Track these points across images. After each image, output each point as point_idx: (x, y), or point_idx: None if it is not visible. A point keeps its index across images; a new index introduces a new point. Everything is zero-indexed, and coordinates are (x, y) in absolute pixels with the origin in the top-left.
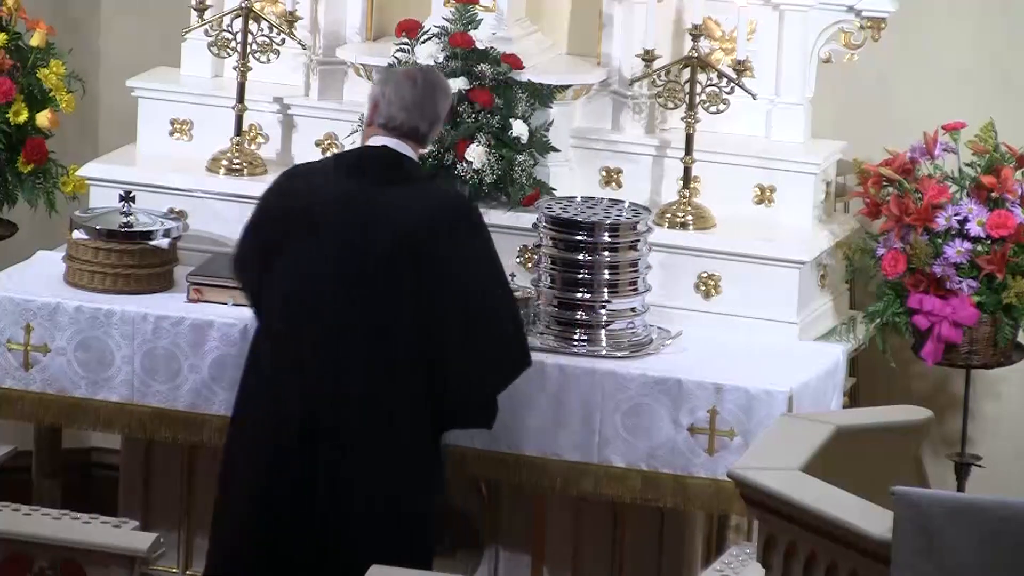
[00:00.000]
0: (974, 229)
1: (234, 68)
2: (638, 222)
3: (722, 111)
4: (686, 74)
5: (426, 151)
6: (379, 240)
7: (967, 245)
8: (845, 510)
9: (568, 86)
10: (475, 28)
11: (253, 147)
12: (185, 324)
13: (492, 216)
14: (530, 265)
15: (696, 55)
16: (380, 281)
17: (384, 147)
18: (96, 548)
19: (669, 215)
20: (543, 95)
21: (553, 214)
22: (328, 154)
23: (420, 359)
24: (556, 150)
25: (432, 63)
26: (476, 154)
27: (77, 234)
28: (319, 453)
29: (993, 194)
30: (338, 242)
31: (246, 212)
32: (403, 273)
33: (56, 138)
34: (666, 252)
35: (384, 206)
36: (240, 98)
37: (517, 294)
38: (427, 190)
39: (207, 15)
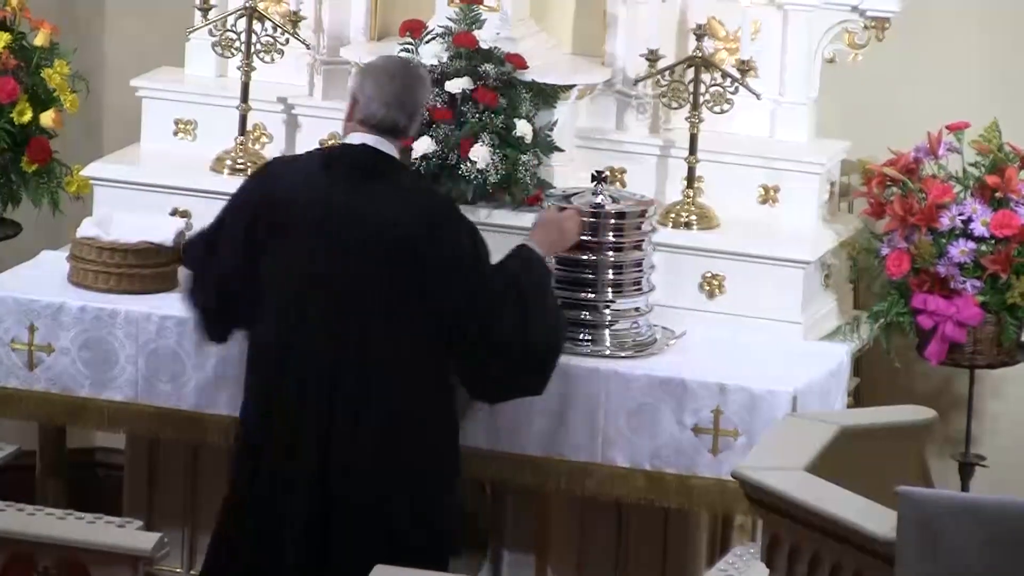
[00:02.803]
0: (978, 229)
1: (238, 68)
2: (643, 222)
3: (726, 111)
4: (690, 74)
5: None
6: (366, 241)
7: (971, 245)
8: (849, 510)
9: (572, 86)
10: (479, 28)
11: (257, 147)
12: (189, 324)
13: (496, 216)
14: None
15: (700, 55)
16: (369, 284)
17: (363, 146)
18: (100, 548)
19: (673, 215)
20: (547, 95)
21: (559, 204)
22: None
23: (425, 358)
24: (560, 150)
25: (436, 63)
26: (480, 154)
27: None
28: (323, 458)
29: (997, 194)
30: (325, 245)
31: None
32: (393, 275)
33: (60, 138)
34: (670, 252)
35: (368, 207)
36: (244, 98)
37: None
38: (410, 190)
39: (211, 15)
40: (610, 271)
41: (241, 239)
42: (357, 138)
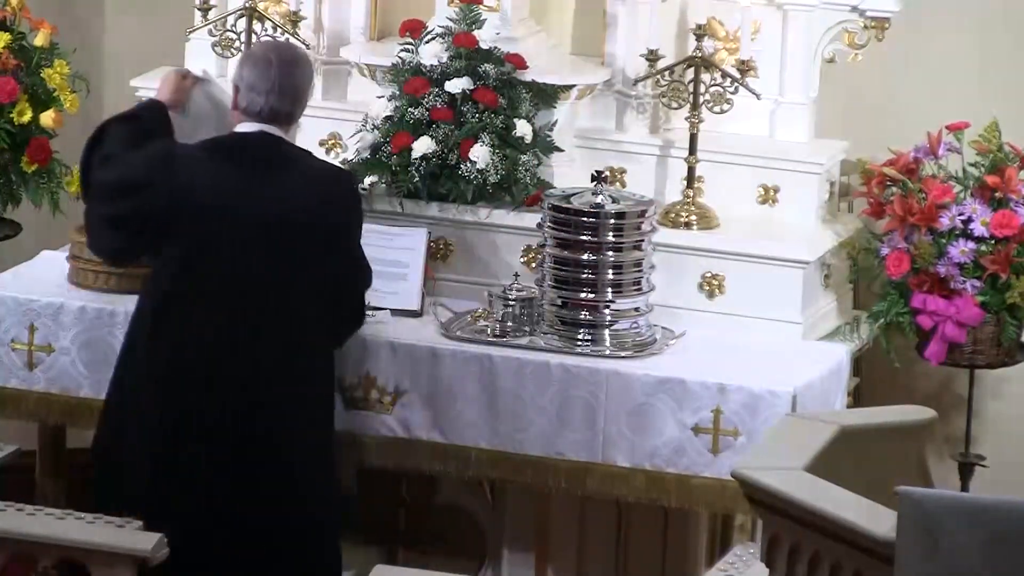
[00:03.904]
0: (978, 229)
1: None
2: (642, 222)
3: (726, 111)
4: (690, 74)
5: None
6: (287, 228)
7: (971, 245)
8: (849, 510)
9: (572, 86)
10: (479, 28)
11: None
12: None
13: (496, 216)
14: (534, 265)
15: (700, 55)
16: (296, 267)
17: (262, 134)
18: (100, 548)
19: (673, 215)
20: (547, 95)
21: (558, 204)
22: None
23: (324, 335)
24: (560, 150)
25: (436, 63)
26: (480, 154)
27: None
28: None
29: (997, 194)
30: (245, 239)
31: None
32: (312, 254)
33: (60, 138)
34: (670, 252)
35: (282, 192)
36: None
37: (522, 294)
38: (315, 169)
39: (211, 15)
40: (610, 271)
41: (148, 230)
42: (248, 127)
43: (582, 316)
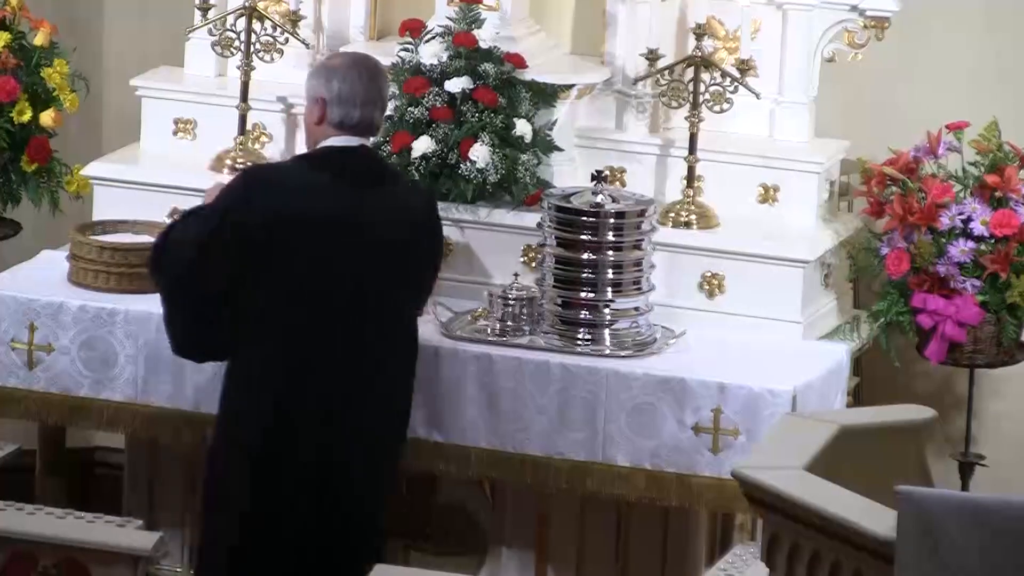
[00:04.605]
0: (978, 228)
1: (238, 67)
2: (642, 221)
3: (726, 110)
4: (690, 73)
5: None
6: (396, 242)
7: (971, 244)
8: (849, 509)
9: (572, 85)
10: (479, 27)
11: (257, 146)
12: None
13: (496, 215)
14: (534, 264)
15: (700, 54)
16: (402, 280)
17: (362, 147)
18: (100, 547)
19: (673, 214)
20: (547, 94)
21: (559, 204)
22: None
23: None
24: (560, 149)
25: (436, 63)
26: (480, 153)
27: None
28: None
29: (997, 193)
30: (355, 257)
31: None
32: (414, 269)
33: (60, 137)
34: (670, 251)
35: (389, 206)
36: (244, 97)
37: (522, 294)
38: (409, 187)
39: (211, 14)
40: (610, 271)
41: (234, 260)
42: (344, 140)
43: (582, 316)
